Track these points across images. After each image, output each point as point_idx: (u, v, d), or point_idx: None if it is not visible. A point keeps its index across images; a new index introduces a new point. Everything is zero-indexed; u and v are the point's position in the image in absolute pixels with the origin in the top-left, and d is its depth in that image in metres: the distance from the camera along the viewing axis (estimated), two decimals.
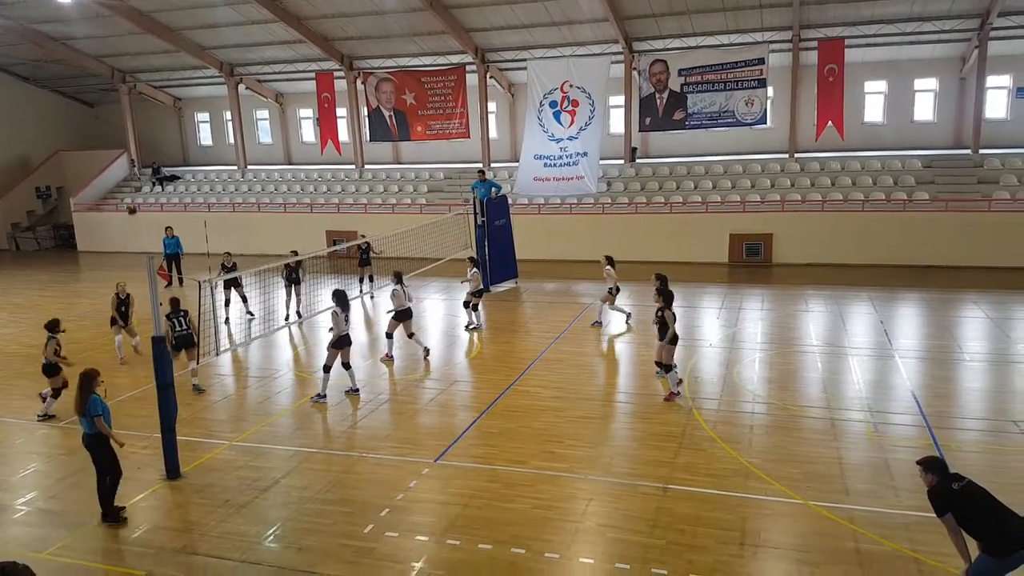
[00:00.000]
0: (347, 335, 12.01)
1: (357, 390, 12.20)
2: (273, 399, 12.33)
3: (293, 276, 17.60)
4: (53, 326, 11.95)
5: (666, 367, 11.71)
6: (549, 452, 9.74)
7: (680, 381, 11.87)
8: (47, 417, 11.62)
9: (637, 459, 9.58)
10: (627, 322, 16.28)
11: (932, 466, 6.09)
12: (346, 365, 12.06)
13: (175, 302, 12.71)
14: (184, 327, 12.50)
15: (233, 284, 17.63)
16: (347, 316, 12.02)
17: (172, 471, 9.27)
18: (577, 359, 13.99)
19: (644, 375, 12.99)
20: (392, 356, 14.10)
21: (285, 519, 8.25)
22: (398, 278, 13.95)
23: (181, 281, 21.79)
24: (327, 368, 11.95)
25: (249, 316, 17.62)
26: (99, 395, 8.30)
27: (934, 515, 5.96)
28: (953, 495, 5.82)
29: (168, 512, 8.55)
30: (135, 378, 13.21)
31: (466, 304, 16.36)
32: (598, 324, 16.20)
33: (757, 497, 8.38)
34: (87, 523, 8.24)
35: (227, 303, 17.76)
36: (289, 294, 17.70)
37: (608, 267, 16.04)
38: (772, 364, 13.36)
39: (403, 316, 13.92)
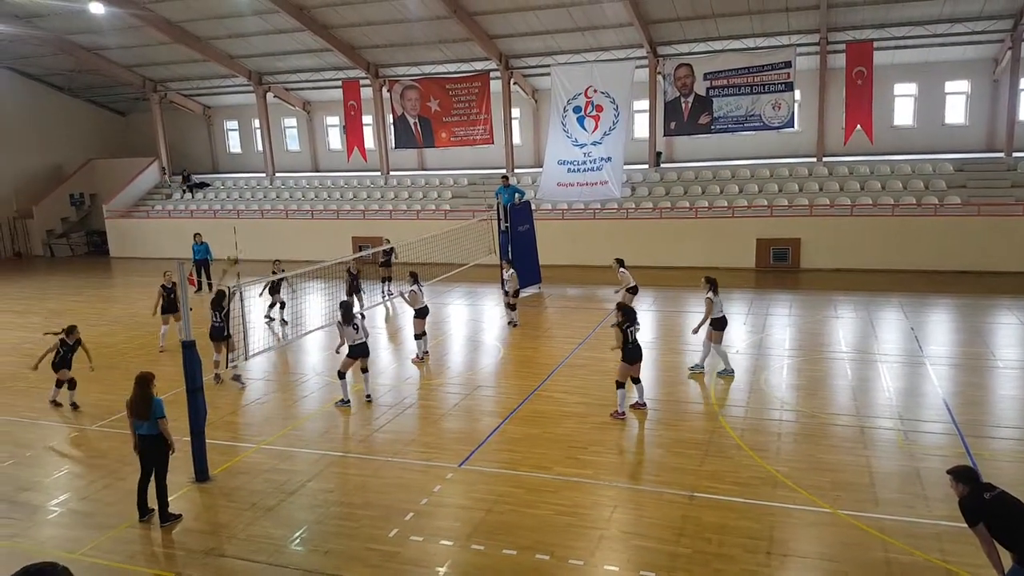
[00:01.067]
0: (362, 344, 11.95)
1: (369, 397, 12.15)
2: (300, 403, 12.44)
3: (356, 284, 17.85)
4: (69, 331, 12.59)
5: (617, 383, 11.13)
6: (573, 458, 9.71)
7: (639, 405, 11.40)
8: (56, 404, 12.46)
9: (662, 466, 9.51)
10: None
11: (963, 476, 5.98)
12: (363, 370, 12.16)
13: (220, 295, 13.16)
14: (219, 320, 12.96)
15: (275, 290, 17.93)
16: (356, 325, 11.87)
17: (201, 474, 9.39)
18: (601, 364, 13.92)
19: (668, 381, 12.91)
20: (425, 353, 14.42)
21: (311, 522, 8.32)
22: (414, 278, 14.36)
23: (210, 287, 22.05)
24: (341, 374, 11.98)
25: (282, 323, 17.89)
26: (157, 397, 8.44)
27: (966, 525, 5.86)
28: (985, 505, 5.71)
29: (197, 514, 8.66)
30: (166, 381, 13.39)
31: (510, 306, 16.90)
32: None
33: (785, 506, 8.28)
34: (118, 525, 8.38)
35: (273, 306, 18.13)
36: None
37: (622, 269, 16.09)
38: (800, 371, 13.20)
39: (422, 314, 14.33)
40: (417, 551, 7.64)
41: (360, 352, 11.98)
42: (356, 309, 16.93)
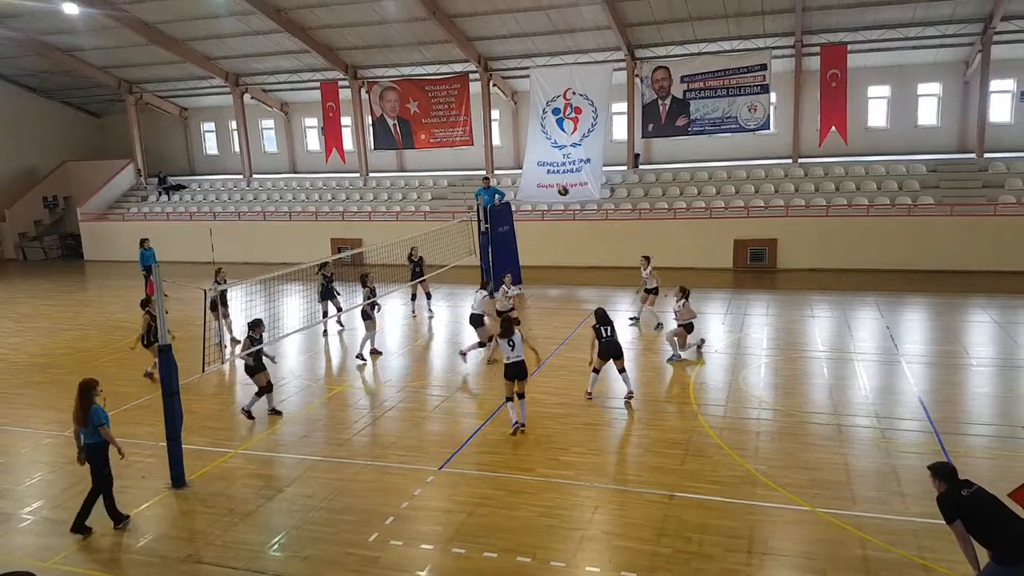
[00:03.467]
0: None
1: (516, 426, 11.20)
2: (278, 407, 12.32)
3: (329, 288, 16.96)
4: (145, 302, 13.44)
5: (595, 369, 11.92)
6: (554, 459, 9.72)
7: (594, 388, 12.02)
8: None
9: (643, 466, 9.55)
10: (632, 323, 16.51)
11: (942, 472, 6.06)
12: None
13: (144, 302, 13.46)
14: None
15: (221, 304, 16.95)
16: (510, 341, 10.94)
17: (177, 480, 9.28)
18: (581, 365, 13.87)
19: (649, 381, 12.97)
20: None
21: (290, 528, 8.24)
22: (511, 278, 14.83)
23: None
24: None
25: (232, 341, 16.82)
26: (99, 404, 8.30)
27: (943, 522, 5.93)
28: (962, 501, 5.78)
29: (173, 521, 8.55)
30: (141, 386, 13.23)
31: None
32: (660, 327, 16.27)
33: (764, 504, 8.34)
34: (92, 533, 8.24)
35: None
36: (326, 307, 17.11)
37: (649, 268, 16.31)
38: (778, 370, 13.32)
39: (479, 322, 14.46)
40: (397, 555, 7.60)
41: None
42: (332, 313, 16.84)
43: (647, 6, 23.09)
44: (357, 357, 14.50)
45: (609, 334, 11.66)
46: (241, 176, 32.82)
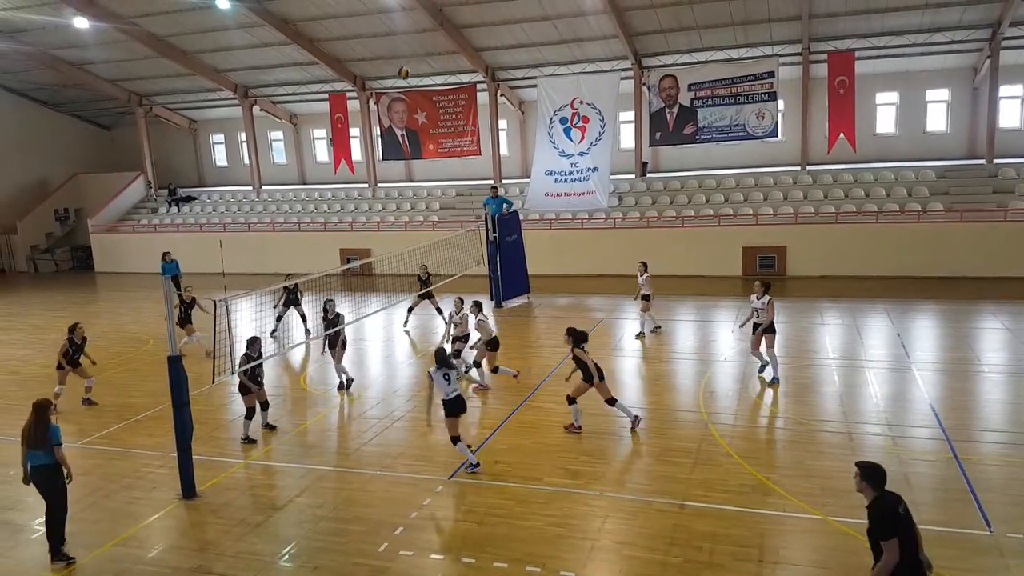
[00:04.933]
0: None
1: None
2: (287, 417, 12.35)
3: (294, 297, 17.26)
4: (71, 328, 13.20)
5: (569, 399, 11.08)
6: (563, 468, 9.69)
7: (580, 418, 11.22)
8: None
9: (653, 475, 9.51)
10: (652, 332, 16.40)
11: (872, 475, 5.60)
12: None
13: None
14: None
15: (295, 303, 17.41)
16: (446, 375, 10.29)
17: (188, 490, 9.30)
18: None
19: (658, 390, 12.93)
20: (485, 386, 13.37)
21: (300, 538, 8.24)
22: (479, 307, 13.32)
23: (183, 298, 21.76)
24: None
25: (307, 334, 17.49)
26: (54, 423, 7.97)
27: (954, 529, 5.85)
28: (900, 520, 5.40)
29: (184, 532, 8.56)
30: (151, 398, 13.28)
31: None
32: (654, 331, 16.29)
33: (775, 513, 8.29)
34: (103, 544, 8.26)
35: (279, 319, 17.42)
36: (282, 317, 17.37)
37: (646, 274, 16.16)
38: (788, 378, 13.23)
39: (493, 346, 13.10)
40: (407, 565, 7.58)
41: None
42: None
43: (654, 15, 23.16)
44: (339, 390, 13.47)
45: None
46: (250, 187, 33.03)
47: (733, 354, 14.82)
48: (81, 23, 23.63)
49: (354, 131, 30.16)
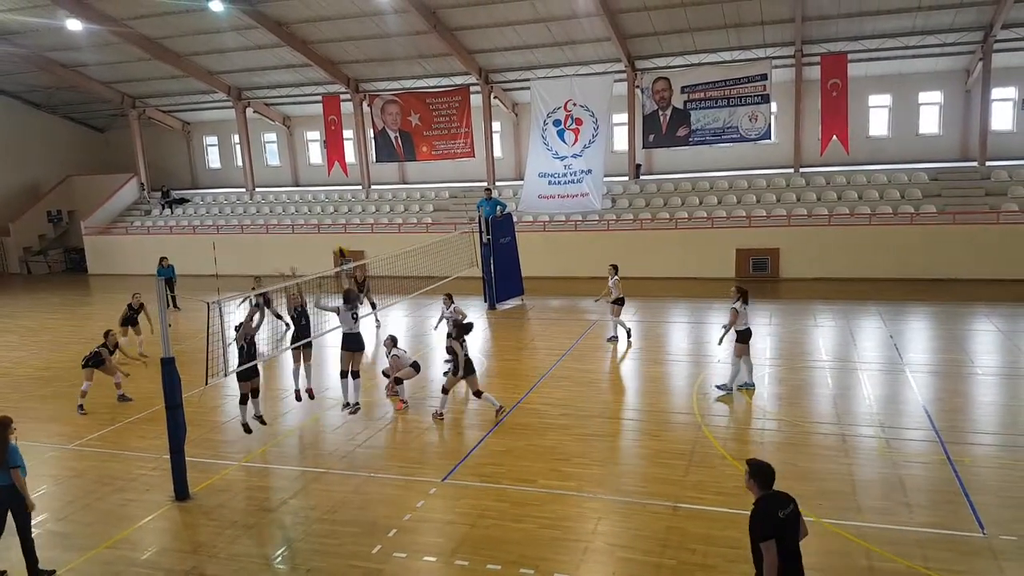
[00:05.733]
0: (355, 335, 11.90)
1: (352, 407, 12.11)
2: (280, 419, 12.32)
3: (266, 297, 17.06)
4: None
5: (444, 389, 11.71)
6: (557, 470, 9.69)
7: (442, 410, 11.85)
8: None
9: (646, 477, 9.51)
10: (629, 339, 16.05)
11: (760, 473, 5.55)
12: (354, 374, 12.02)
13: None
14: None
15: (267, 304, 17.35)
16: (354, 314, 11.95)
17: (181, 492, 9.26)
18: (584, 376, 13.95)
19: (652, 392, 12.95)
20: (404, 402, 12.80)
21: (293, 540, 8.22)
22: (394, 342, 12.85)
23: (175, 301, 21.78)
24: (343, 374, 12.02)
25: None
26: (14, 443, 7.47)
27: (948, 531, 5.87)
28: (779, 523, 5.39)
29: (176, 534, 8.53)
30: (144, 399, 13.23)
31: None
32: (614, 339, 16.07)
33: None
34: (96, 546, 8.22)
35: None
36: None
37: (616, 277, 15.83)
38: (781, 380, 13.28)
39: (469, 370, 11.95)
40: (401, 568, 7.57)
41: (354, 345, 11.98)
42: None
43: (647, 17, 23.21)
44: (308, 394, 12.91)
45: (466, 352, 11.61)
46: (244, 189, 32.96)
47: (726, 356, 14.82)
48: (74, 25, 23.56)
49: (348, 133, 30.14)
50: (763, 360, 14.48)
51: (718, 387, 12.55)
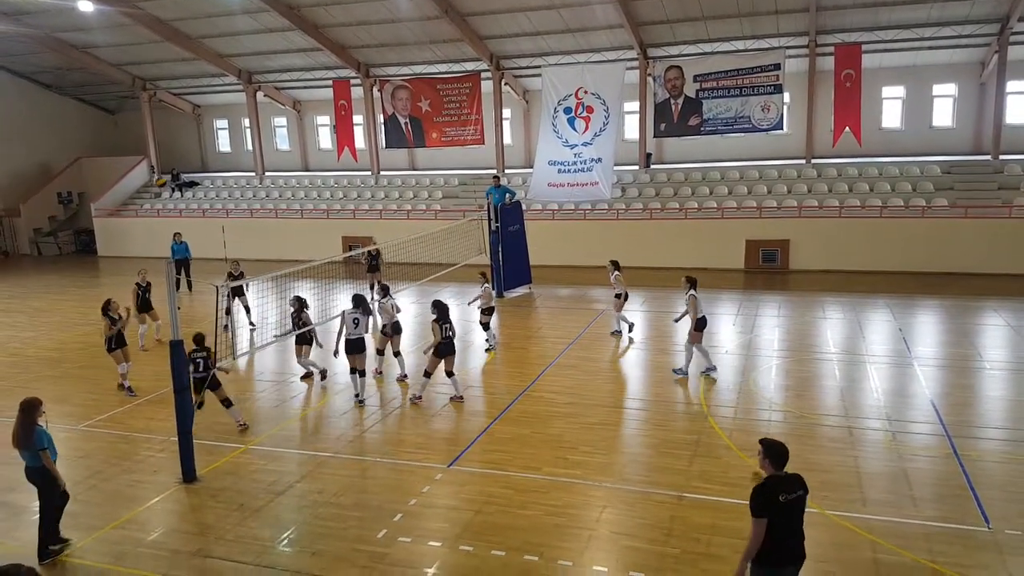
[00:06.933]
0: (359, 340, 11.96)
1: (362, 401, 12.03)
2: (287, 403, 12.38)
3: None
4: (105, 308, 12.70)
5: (426, 373, 11.91)
6: (563, 458, 9.71)
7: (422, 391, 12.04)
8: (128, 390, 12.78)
9: (652, 467, 9.52)
10: (629, 333, 15.84)
11: (771, 452, 5.70)
12: (360, 372, 12.07)
13: (199, 339, 10.75)
14: (202, 370, 10.59)
15: (238, 293, 17.24)
16: (357, 319, 11.93)
17: (188, 474, 9.33)
18: (591, 365, 13.96)
19: (658, 381, 12.94)
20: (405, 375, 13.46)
21: (299, 523, 8.27)
22: (385, 291, 13.34)
23: (191, 285, 22.00)
24: (352, 371, 12.04)
25: (251, 327, 17.47)
26: (43, 426, 7.67)
27: (954, 525, 5.87)
28: (776, 506, 5.51)
29: (184, 515, 8.60)
30: (153, 381, 13.31)
31: (483, 325, 15.22)
32: (617, 333, 16.00)
33: None
34: (103, 526, 8.30)
35: (228, 311, 16.81)
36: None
37: (616, 272, 15.71)
38: (789, 371, 13.25)
39: (395, 330, 13.26)
40: (406, 552, 7.61)
41: (355, 348, 11.93)
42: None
43: (660, 5, 23.03)
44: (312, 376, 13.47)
45: (447, 333, 11.69)
46: (253, 173, 32.99)
47: (734, 347, 14.82)
48: (86, 6, 23.51)
49: (357, 118, 30.09)
50: (771, 351, 14.46)
51: (675, 371, 13.02)
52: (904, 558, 7.23)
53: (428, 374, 11.89)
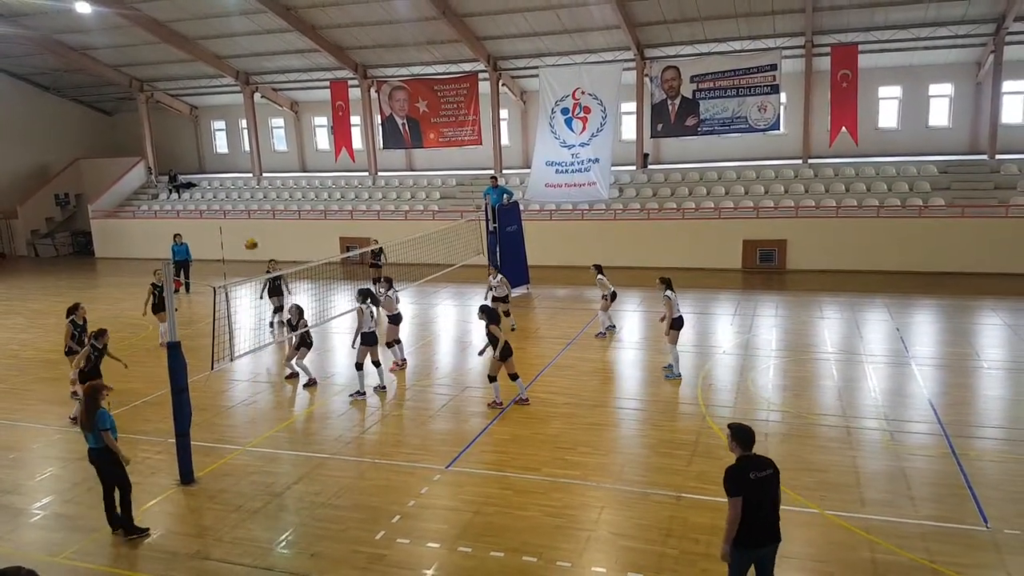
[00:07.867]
0: (373, 332, 12.27)
1: (384, 387, 12.56)
2: (286, 405, 12.38)
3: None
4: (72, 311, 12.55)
5: (490, 377, 11.79)
6: (561, 459, 9.71)
7: (517, 396, 11.86)
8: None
9: (650, 467, 9.53)
10: (605, 331, 15.92)
11: (742, 436, 5.96)
12: (375, 363, 12.44)
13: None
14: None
15: (276, 293, 17.18)
16: (372, 312, 12.30)
17: (186, 476, 9.32)
18: (589, 365, 13.96)
19: (656, 382, 12.95)
20: (404, 360, 14.20)
21: (297, 525, 8.27)
22: (389, 283, 14.28)
23: (188, 287, 21.98)
24: (359, 365, 12.19)
25: (280, 324, 17.46)
26: (105, 408, 8.09)
27: (953, 524, 5.89)
28: (748, 483, 5.76)
29: (182, 517, 8.59)
30: (150, 383, 13.29)
31: (506, 313, 15.75)
32: (602, 335, 16.01)
33: None
34: (102, 528, 8.28)
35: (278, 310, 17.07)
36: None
37: (600, 276, 15.87)
38: (787, 371, 13.26)
39: (396, 321, 14.15)
40: (404, 553, 7.61)
41: (371, 340, 12.26)
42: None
43: (657, 6, 23.05)
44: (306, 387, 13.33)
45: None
46: (251, 174, 32.96)
47: (732, 347, 14.84)
48: (83, 8, 23.49)
49: (355, 119, 30.07)
50: (768, 351, 14.48)
51: (667, 376, 12.97)
52: (902, 558, 7.24)
53: (493, 378, 11.72)
